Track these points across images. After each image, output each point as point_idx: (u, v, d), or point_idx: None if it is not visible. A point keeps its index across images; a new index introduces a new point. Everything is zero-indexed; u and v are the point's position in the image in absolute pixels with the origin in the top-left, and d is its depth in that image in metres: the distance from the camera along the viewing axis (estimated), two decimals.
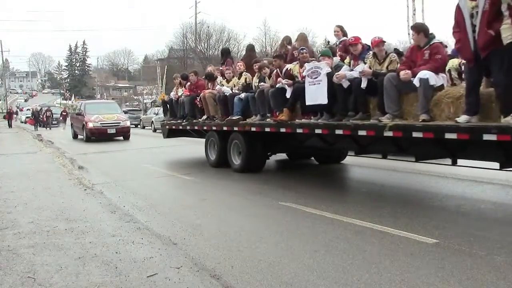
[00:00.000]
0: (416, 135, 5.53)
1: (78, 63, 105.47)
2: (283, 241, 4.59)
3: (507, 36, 4.54)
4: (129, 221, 5.54)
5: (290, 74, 7.89)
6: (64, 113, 36.27)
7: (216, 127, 9.68)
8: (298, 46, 8.39)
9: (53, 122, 35.87)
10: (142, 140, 19.87)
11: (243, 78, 9.37)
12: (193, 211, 6.12)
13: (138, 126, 30.75)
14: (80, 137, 21.08)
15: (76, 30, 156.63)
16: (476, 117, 5.03)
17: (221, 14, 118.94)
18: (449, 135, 5.16)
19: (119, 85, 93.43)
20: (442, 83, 5.75)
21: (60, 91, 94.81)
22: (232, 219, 5.72)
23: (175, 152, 13.67)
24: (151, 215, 5.93)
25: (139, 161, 12.17)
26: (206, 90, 10.28)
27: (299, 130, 7.49)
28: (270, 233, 4.94)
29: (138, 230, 5.11)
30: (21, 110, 64.64)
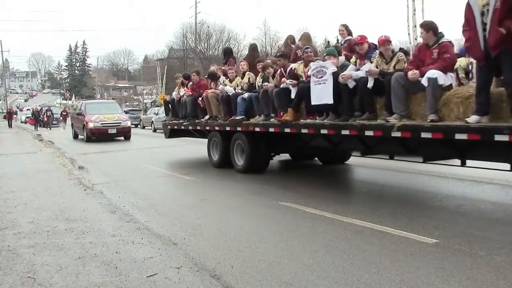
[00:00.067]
0: (425, 135, 5.42)
1: (78, 63, 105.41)
2: (283, 241, 4.59)
3: None
4: (129, 221, 5.54)
5: (294, 74, 7.79)
6: (64, 113, 36.27)
7: (219, 127, 9.61)
8: (302, 46, 8.29)
9: (53, 122, 35.87)
10: (142, 140, 19.86)
11: (246, 77, 9.29)
12: (193, 211, 6.12)
13: (138, 126, 30.75)
14: (80, 137, 21.00)
15: (76, 30, 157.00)
16: (487, 117, 4.93)
17: (221, 14, 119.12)
18: (459, 136, 5.05)
19: (119, 85, 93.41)
20: (451, 82, 5.64)
21: (60, 91, 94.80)
22: (232, 219, 5.72)
23: (175, 152, 13.66)
24: (151, 215, 5.94)
25: (139, 161, 12.16)
26: (209, 89, 10.18)
27: (304, 131, 7.39)
28: (270, 233, 4.94)
29: (138, 230, 5.12)
30: (21, 110, 64.68)
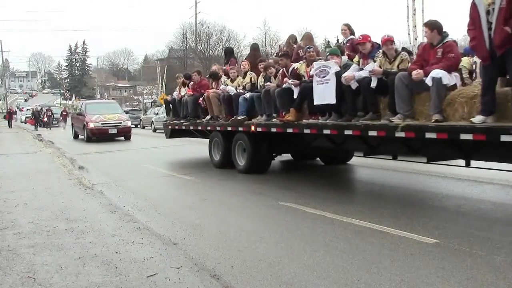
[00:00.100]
0: (429, 136, 5.37)
1: (78, 63, 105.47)
2: (283, 241, 4.59)
3: None
4: (129, 221, 5.54)
5: (296, 74, 7.73)
6: (64, 113, 36.32)
7: (220, 127, 9.57)
8: (304, 45, 8.22)
9: (54, 122, 35.88)
10: (142, 140, 19.85)
11: (248, 77, 9.22)
12: (193, 211, 6.12)
13: (138, 126, 30.76)
14: (81, 137, 20.98)
15: (76, 30, 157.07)
16: (492, 117, 4.87)
17: (221, 14, 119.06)
18: (464, 136, 4.99)
19: (119, 85, 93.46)
20: (455, 82, 5.58)
21: (60, 91, 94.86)
22: (232, 219, 5.72)
23: (175, 152, 13.66)
24: (151, 215, 5.94)
25: (139, 161, 12.16)
26: (210, 89, 10.12)
27: (306, 131, 7.34)
28: (270, 233, 4.94)
29: (138, 230, 5.12)
30: (21, 110, 64.68)
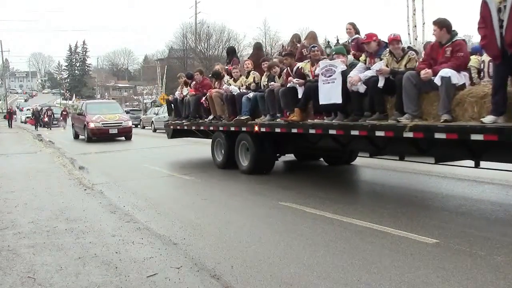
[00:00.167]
0: (438, 136, 5.27)
1: (78, 63, 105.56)
2: (283, 241, 4.59)
3: None
4: (129, 221, 5.54)
5: (301, 73, 7.61)
6: (64, 112, 36.35)
7: (223, 128, 9.47)
8: (308, 44, 8.14)
9: (54, 122, 35.91)
10: (142, 140, 19.85)
11: (251, 77, 9.12)
12: (193, 211, 6.12)
13: (138, 126, 30.76)
14: (81, 137, 20.94)
15: (76, 30, 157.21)
16: (503, 118, 4.79)
17: (221, 14, 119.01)
18: (475, 137, 4.90)
19: (119, 85, 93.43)
20: (464, 82, 5.48)
21: (60, 91, 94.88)
22: (232, 219, 5.71)
23: (176, 152, 13.66)
24: (151, 215, 5.94)
25: (139, 161, 12.16)
26: (213, 89, 10.00)
27: (311, 131, 7.23)
28: (270, 233, 4.94)
29: (138, 230, 5.11)
30: (21, 110, 64.69)
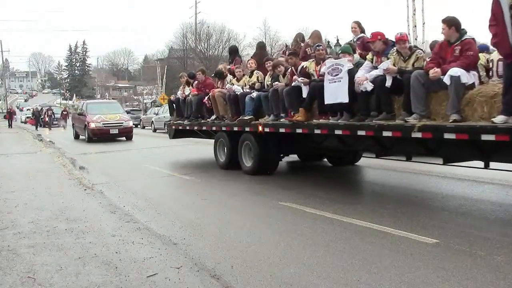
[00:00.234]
0: (448, 136, 5.19)
1: (78, 63, 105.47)
2: (283, 241, 4.59)
3: None
4: (129, 221, 5.54)
5: (306, 72, 7.49)
6: (64, 112, 36.38)
7: (226, 128, 9.38)
8: (312, 43, 8.04)
9: (54, 122, 35.92)
10: (143, 140, 19.84)
11: (254, 76, 9.04)
12: (193, 211, 6.12)
13: (138, 126, 30.76)
14: (81, 137, 20.90)
15: (76, 30, 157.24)
16: None
17: (221, 14, 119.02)
18: (485, 137, 4.81)
19: (119, 85, 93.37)
20: (474, 81, 5.37)
21: (60, 91, 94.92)
22: (232, 219, 5.71)
23: (176, 152, 13.66)
24: (151, 215, 5.94)
25: (140, 161, 12.16)
26: (216, 89, 9.91)
27: (316, 131, 7.11)
28: (270, 233, 4.94)
29: (138, 230, 5.11)
30: (21, 110, 64.69)
